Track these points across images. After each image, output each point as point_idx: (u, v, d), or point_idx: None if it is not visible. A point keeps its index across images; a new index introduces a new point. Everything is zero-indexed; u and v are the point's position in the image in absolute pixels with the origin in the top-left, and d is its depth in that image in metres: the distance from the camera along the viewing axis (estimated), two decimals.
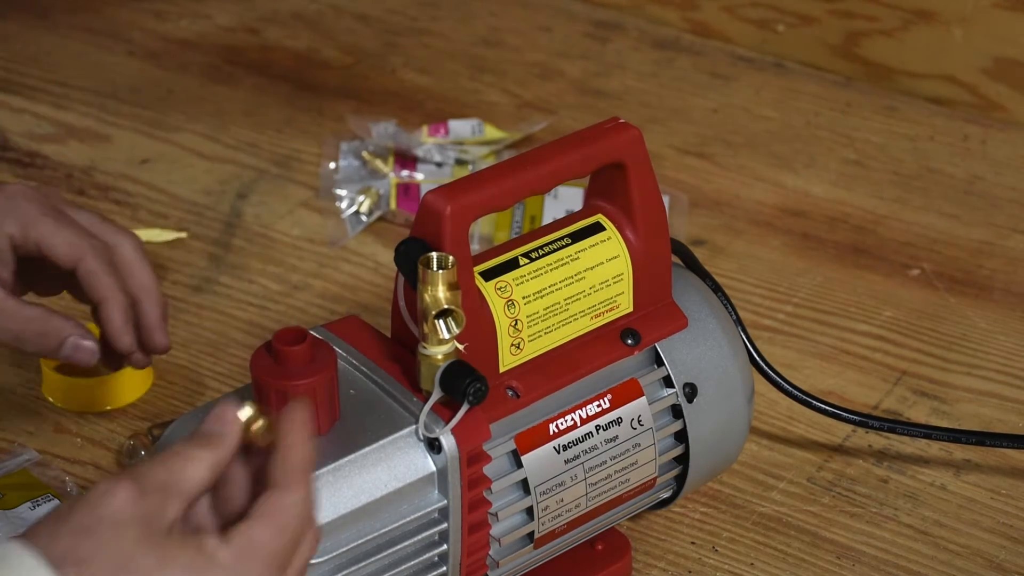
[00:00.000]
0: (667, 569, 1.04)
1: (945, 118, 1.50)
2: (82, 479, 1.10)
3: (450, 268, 0.84)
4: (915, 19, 1.52)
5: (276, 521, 0.73)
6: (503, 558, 0.93)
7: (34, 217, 0.99)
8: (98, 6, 1.65)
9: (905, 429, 1.10)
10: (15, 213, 0.99)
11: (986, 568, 1.04)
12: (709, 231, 1.35)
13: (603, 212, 0.94)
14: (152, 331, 1.01)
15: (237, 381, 1.18)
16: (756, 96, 1.53)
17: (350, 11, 1.66)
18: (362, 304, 1.27)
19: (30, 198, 1.00)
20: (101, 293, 0.99)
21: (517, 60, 1.59)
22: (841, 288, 1.29)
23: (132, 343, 1.00)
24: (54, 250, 0.98)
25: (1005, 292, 1.29)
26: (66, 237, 0.98)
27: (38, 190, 1.01)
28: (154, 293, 1.01)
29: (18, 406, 1.16)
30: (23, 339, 0.99)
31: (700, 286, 1.00)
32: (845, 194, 1.40)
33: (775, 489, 1.10)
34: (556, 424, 0.93)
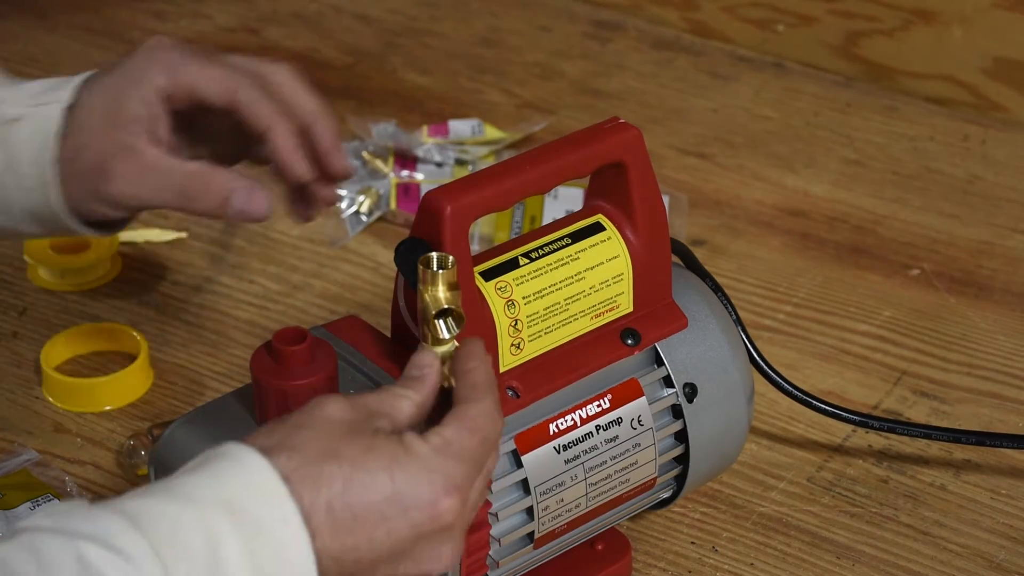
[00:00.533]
0: (667, 569, 1.04)
1: (945, 118, 1.50)
2: (82, 479, 1.10)
3: (450, 268, 0.84)
4: (915, 19, 1.52)
5: (467, 425, 0.79)
6: (503, 558, 0.93)
7: (180, 62, 0.93)
8: (98, 6, 1.65)
9: (905, 429, 1.10)
10: (160, 61, 0.93)
11: (986, 568, 1.05)
12: (709, 231, 1.35)
13: (603, 212, 0.94)
14: (330, 154, 0.93)
15: (237, 381, 1.18)
16: (756, 96, 1.53)
17: (350, 11, 1.66)
18: (362, 304, 1.27)
19: (172, 46, 0.93)
20: (264, 121, 0.91)
21: (517, 60, 1.59)
22: (841, 288, 1.29)
23: (308, 169, 0.91)
24: (206, 89, 0.92)
25: (1005, 292, 1.29)
26: (216, 73, 0.92)
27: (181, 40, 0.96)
28: (324, 114, 0.94)
29: (18, 406, 1.17)
30: (187, 196, 0.92)
31: (700, 286, 1.00)
32: (845, 194, 1.40)
33: (775, 489, 1.10)
34: (556, 424, 0.93)
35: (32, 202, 0.94)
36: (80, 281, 1.27)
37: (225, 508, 0.72)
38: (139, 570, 0.69)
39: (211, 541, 0.71)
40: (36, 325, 1.24)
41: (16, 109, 0.94)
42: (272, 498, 0.73)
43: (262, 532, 0.72)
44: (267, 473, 0.74)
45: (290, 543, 0.73)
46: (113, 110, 0.92)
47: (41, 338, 1.21)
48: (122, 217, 0.97)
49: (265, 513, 0.73)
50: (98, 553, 0.69)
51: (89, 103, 0.94)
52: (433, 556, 0.77)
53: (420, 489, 0.76)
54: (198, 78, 0.92)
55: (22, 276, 1.29)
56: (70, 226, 0.95)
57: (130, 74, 0.93)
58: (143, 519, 0.71)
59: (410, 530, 0.76)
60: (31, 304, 1.26)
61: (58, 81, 0.96)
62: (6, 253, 1.31)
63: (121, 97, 0.92)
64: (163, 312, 1.25)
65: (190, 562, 0.70)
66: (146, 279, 1.29)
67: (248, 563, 0.71)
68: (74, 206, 0.94)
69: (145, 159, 0.92)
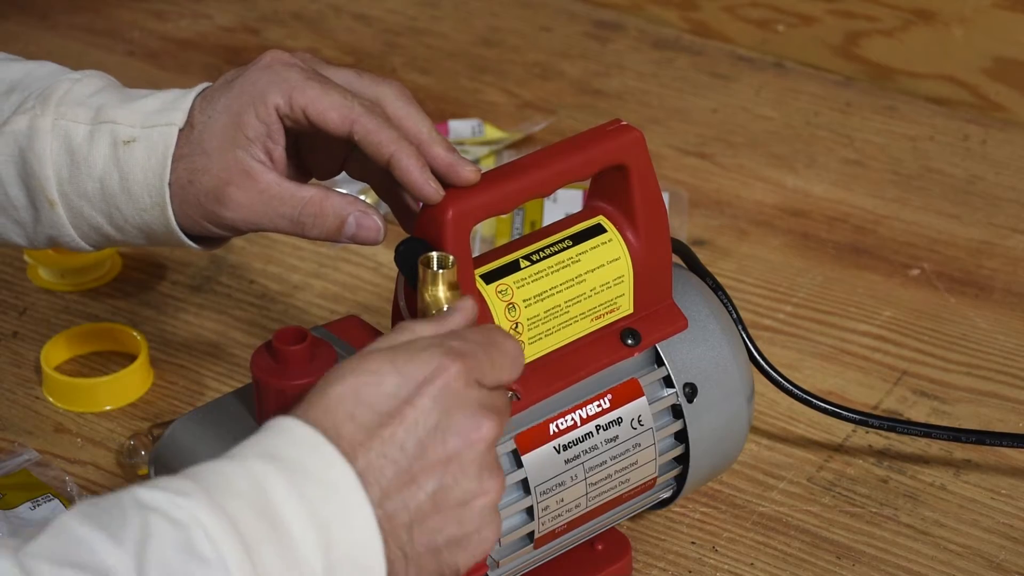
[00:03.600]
0: (667, 569, 1.04)
1: (945, 118, 1.50)
2: (82, 479, 1.10)
3: (450, 268, 0.84)
4: (915, 19, 1.52)
5: (462, 312, 0.82)
6: (503, 558, 0.93)
7: (298, 84, 0.91)
8: (98, 6, 1.65)
9: (905, 429, 1.10)
10: (277, 82, 0.91)
11: (986, 568, 1.05)
12: (709, 231, 1.35)
13: (604, 214, 0.94)
14: (454, 167, 0.91)
15: (237, 381, 1.18)
16: (756, 96, 1.53)
17: (350, 11, 1.66)
18: (362, 304, 1.27)
19: (289, 64, 0.92)
20: (388, 149, 0.90)
21: (517, 60, 1.59)
22: (841, 288, 1.29)
23: (437, 188, 0.89)
24: (325, 116, 0.90)
25: (1005, 292, 1.29)
26: (334, 101, 0.90)
27: (293, 54, 0.93)
28: (434, 133, 0.93)
29: (18, 406, 1.17)
30: (301, 223, 0.92)
31: (700, 286, 1.00)
32: (845, 194, 1.40)
33: (775, 489, 1.10)
34: (556, 424, 0.93)
35: (145, 220, 0.95)
36: (80, 281, 1.27)
37: (266, 458, 0.74)
38: (191, 502, 0.71)
39: (256, 483, 0.73)
40: (36, 325, 1.24)
41: (130, 131, 0.94)
42: (308, 444, 0.75)
43: (305, 473, 0.74)
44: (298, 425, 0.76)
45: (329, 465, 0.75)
46: (231, 130, 0.92)
47: (41, 338, 1.21)
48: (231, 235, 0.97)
49: (306, 457, 0.74)
50: (151, 493, 0.72)
51: (205, 123, 0.93)
52: (470, 426, 0.77)
53: (421, 361, 0.77)
54: (317, 105, 0.90)
55: (22, 276, 1.29)
56: (181, 242, 0.96)
57: (248, 92, 0.92)
58: (190, 473, 0.74)
59: (432, 401, 0.76)
60: (31, 304, 1.26)
61: (171, 97, 0.95)
62: (6, 253, 1.31)
63: (239, 118, 0.91)
64: (163, 312, 1.25)
65: (239, 499, 0.72)
66: (146, 279, 1.29)
67: (294, 495, 0.73)
68: (186, 226, 0.95)
69: (261, 185, 0.92)
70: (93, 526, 0.70)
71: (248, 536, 0.71)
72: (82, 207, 0.95)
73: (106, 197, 0.95)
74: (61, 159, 0.95)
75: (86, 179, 0.94)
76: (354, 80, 0.94)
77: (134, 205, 0.94)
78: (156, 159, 0.93)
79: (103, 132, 0.94)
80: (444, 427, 0.77)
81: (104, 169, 0.94)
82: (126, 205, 0.94)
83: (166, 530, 0.70)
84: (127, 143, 0.93)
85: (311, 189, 0.92)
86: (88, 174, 0.94)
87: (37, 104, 0.95)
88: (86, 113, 0.95)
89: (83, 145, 0.94)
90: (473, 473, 0.77)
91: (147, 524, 0.70)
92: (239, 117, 0.91)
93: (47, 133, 0.94)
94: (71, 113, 0.95)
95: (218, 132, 0.92)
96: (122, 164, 0.94)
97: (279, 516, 0.73)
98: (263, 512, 0.72)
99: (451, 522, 0.77)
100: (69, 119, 0.95)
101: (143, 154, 0.93)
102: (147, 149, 0.93)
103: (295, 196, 0.91)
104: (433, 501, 0.77)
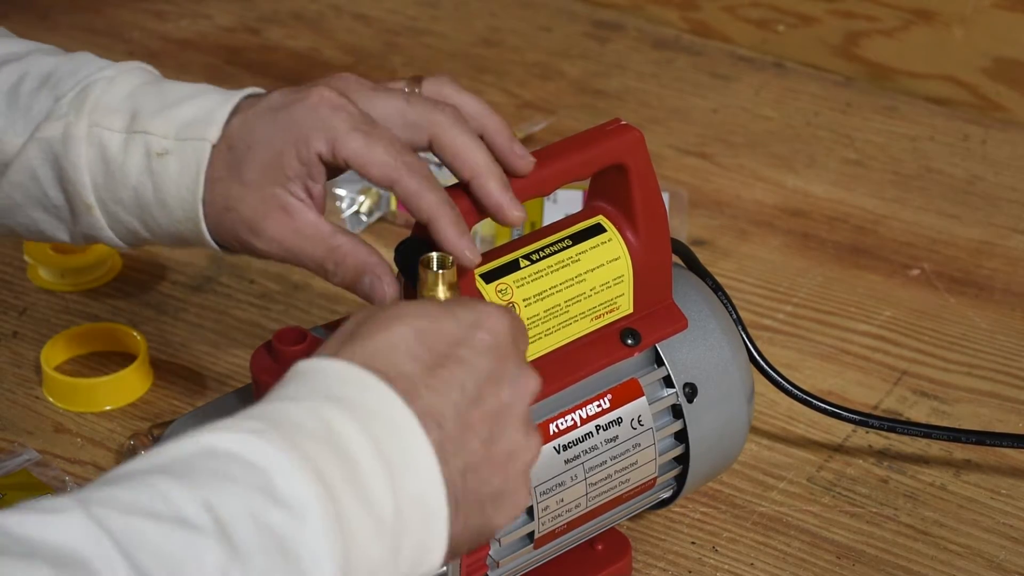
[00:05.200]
0: (667, 569, 1.04)
1: (945, 118, 1.50)
2: (82, 479, 1.10)
3: (450, 268, 0.84)
4: (915, 19, 1.52)
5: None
6: (503, 558, 0.93)
7: (343, 133, 0.89)
8: (98, 6, 1.65)
9: (905, 429, 1.10)
10: (322, 127, 0.90)
11: (986, 568, 1.05)
12: (709, 231, 1.35)
13: (604, 213, 0.94)
14: (501, 210, 0.90)
15: (237, 381, 1.18)
16: (756, 96, 1.53)
17: (350, 11, 1.66)
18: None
19: (336, 107, 0.90)
20: (427, 214, 0.89)
21: (517, 60, 1.59)
22: (841, 288, 1.29)
23: (474, 256, 0.88)
24: (367, 170, 0.90)
25: (1005, 292, 1.29)
26: (377, 157, 0.89)
27: (340, 93, 0.92)
28: (490, 165, 0.90)
29: (18, 406, 1.17)
30: (324, 268, 0.92)
31: (700, 286, 1.00)
32: (845, 194, 1.40)
33: (775, 489, 1.10)
34: (556, 424, 0.93)
35: (179, 230, 0.94)
36: (80, 281, 1.27)
37: (332, 400, 0.72)
38: (265, 443, 0.69)
39: (326, 424, 0.71)
40: (36, 325, 1.24)
41: (163, 143, 0.93)
42: (368, 387, 0.73)
43: (369, 413, 0.72)
44: (350, 368, 0.74)
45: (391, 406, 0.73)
46: (271, 166, 0.91)
47: (41, 338, 1.21)
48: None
49: (367, 398, 0.73)
50: (222, 436, 0.69)
51: (244, 152, 0.91)
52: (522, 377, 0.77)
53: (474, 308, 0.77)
54: (359, 159, 0.89)
55: (22, 276, 1.29)
56: (214, 250, 0.96)
57: (291, 131, 0.90)
58: (255, 412, 0.72)
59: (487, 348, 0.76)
60: (31, 304, 1.26)
61: (208, 106, 0.93)
62: (6, 253, 1.31)
63: (280, 157, 0.90)
64: (163, 312, 1.25)
65: (313, 439, 0.70)
66: (146, 279, 1.29)
67: (365, 436, 0.71)
68: (220, 240, 0.94)
69: (298, 223, 0.91)
70: (165, 474, 0.67)
71: (327, 478, 0.69)
72: (118, 212, 0.95)
73: (141, 205, 0.94)
74: (96, 167, 0.94)
75: (121, 187, 0.94)
76: (406, 110, 0.92)
77: (168, 216, 0.94)
78: (189, 175, 0.92)
79: (137, 142, 0.93)
80: (499, 375, 0.76)
81: (138, 179, 0.93)
82: (160, 214, 0.94)
83: (242, 474, 0.68)
84: (160, 155, 0.93)
85: (343, 237, 0.91)
86: (123, 183, 0.94)
87: (71, 110, 0.94)
88: (120, 120, 0.94)
89: (118, 154, 0.94)
90: (521, 426, 0.77)
91: (219, 468, 0.68)
92: (280, 156, 0.90)
93: (82, 140, 0.94)
94: (106, 120, 0.94)
95: (258, 165, 0.91)
96: (156, 176, 0.93)
97: (352, 458, 0.71)
98: (337, 453, 0.71)
99: (498, 474, 0.76)
100: (104, 127, 0.94)
101: (176, 168, 0.93)
102: (180, 163, 0.92)
103: (326, 242, 0.91)
104: (485, 449, 0.76)
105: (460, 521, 0.75)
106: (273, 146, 0.90)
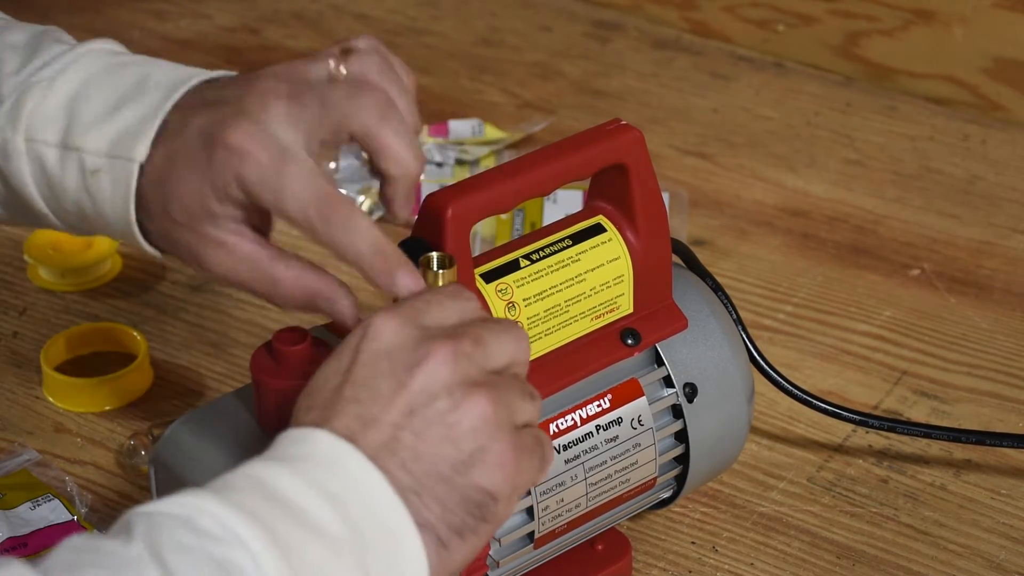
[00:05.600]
0: (667, 569, 1.04)
1: (945, 118, 1.50)
2: (82, 479, 1.10)
3: (450, 268, 0.84)
4: (915, 19, 1.52)
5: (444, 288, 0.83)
6: (503, 558, 0.93)
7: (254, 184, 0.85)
8: (98, 6, 1.65)
9: (905, 429, 1.10)
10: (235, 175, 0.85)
11: (986, 568, 1.04)
12: (709, 231, 1.35)
13: (604, 213, 0.94)
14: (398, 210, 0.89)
15: (237, 381, 1.18)
16: (756, 96, 1.53)
17: (350, 11, 1.66)
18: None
19: (248, 153, 0.85)
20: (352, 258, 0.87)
21: (517, 60, 1.59)
22: (841, 288, 1.29)
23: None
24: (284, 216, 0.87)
25: (1005, 292, 1.29)
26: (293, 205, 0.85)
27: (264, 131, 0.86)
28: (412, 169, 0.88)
29: (18, 406, 1.16)
30: (270, 299, 0.89)
31: (700, 286, 1.00)
32: (845, 194, 1.40)
33: (775, 489, 1.10)
34: (556, 424, 0.93)
35: (124, 238, 0.92)
36: (80, 281, 1.27)
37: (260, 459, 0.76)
38: (193, 497, 0.72)
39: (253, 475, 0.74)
40: (36, 325, 1.24)
41: (95, 160, 0.89)
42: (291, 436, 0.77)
43: (303, 460, 0.75)
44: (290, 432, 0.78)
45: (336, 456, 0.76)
46: (197, 209, 0.87)
47: (41, 338, 1.21)
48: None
49: (298, 450, 0.76)
50: (151, 503, 0.73)
51: (171, 189, 0.88)
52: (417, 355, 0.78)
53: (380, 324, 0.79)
54: (276, 208, 0.86)
55: (22, 276, 1.29)
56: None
57: (207, 175, 0.86)
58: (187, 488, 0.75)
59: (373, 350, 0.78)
60: (31, 304, 1.26)
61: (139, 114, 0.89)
62: (6, 253, 1.31)
63: (203, 200, 0.87)
64: (163, 312, 1.25)
65: (240, 491, 0.73)
66: (146, 279, 1.29)
67: (293, 474, 0.74)
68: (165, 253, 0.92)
69: (235, 256, 0.88)
70: (101, 537, 0.71)
71: (258, 514, 0.72)
72: (70, 219, 0.93)
73: (86, 218, 0.92)
74: (40, 179, 0.92)
75: (65, 200, 0.92)
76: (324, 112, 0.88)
77: (111, 231, 0.92)
78: (120, 196, 0.89)
79: (72, 159, 0.90)
80: (392, 367, 0.78)
81: (77, 195, 0.91)
82: (104, 228, 0.92)
83: (172, 522, 0.71)
84: (93, 173, 0.90)
85: (285, 263, 0.89)
86: (65, 197, 0.92)
87: (8, 124, 0.91)
88: (55, 134, 0.91)
89: (56, 170, 0.91)
90: (443, 397, 0.77)
91: (152, 521, 0.71)
92: (203, 199, 0.87)
93: (22, 155, 0.91)
94: (41, 133, 0.91)
95: (182, 207, 0.87)
96: (92, 193, 0.90)
97: (281, 492, 0.73)
98: (266, 495, 0.73)
99: (445, 447, 0.77)
100: (40, 140, 0.91)
101: (109, 188, 0.90)
102: (112, 183, 0.90)
103: (267, 272, 0.88)
104: (415, 435, 0.77)
105: (435, 507, 0.76)
106: (193, 187, 0.87)
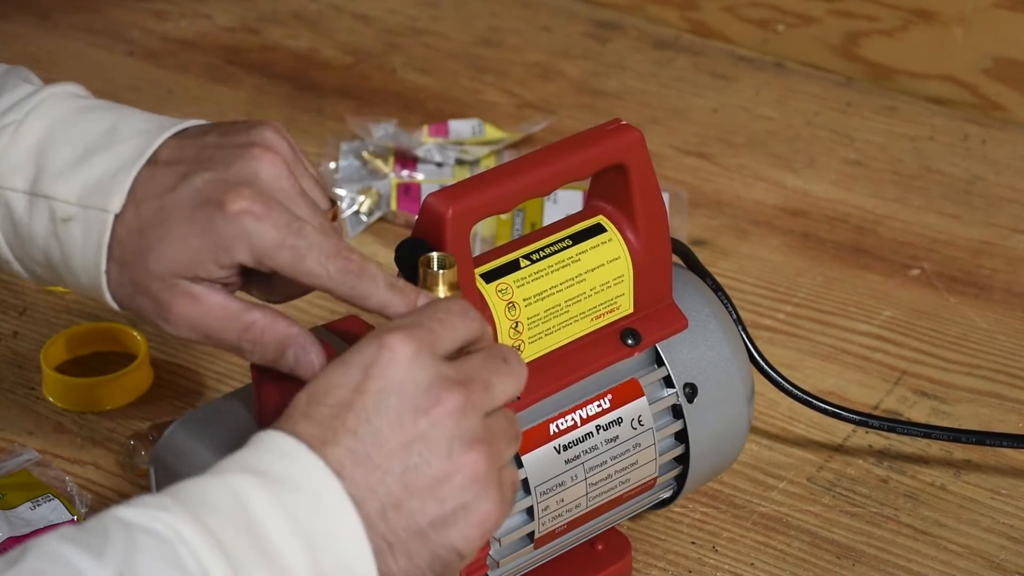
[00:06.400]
0: (667, 569, 1.04)
1: (945, 118, 1.50)
2: (82, 479, 1.10)
3: (450, 268, 0.84)
4: (915, 19, 1.52)
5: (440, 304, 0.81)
6: (503, 558, 0.93)
7: (270, 248, 0.84)
8: (98, 6, 1.65)
9: (905, 429, 1.10)
10: (246, 242, 0.85)
11: (986, 568, 1.05)
12: (709, 231, 1.35)
13: (604, 213, 0.94)
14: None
15: (237, 381, 1.18)
16: (756, 96, 1.53)
17: (350, 11, 1.66)
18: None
19: (259, 217, 0.84)
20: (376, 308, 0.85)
21: (517, 60, 1.59)
22: (841, 288, 1.29)
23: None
24: (299, 280, 0.85)
25: (1005, 292, 1.29)
26: (309, 268, 0.84)
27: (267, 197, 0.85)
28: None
29: (18, 406, 1.17)
30: (240, 348, 0.87)
31: (700, 286, 1.00)
32: (845, 194, 1.40)
33: (775, 489, 1.10)
34: (556, 424, 0.93)
35: (85, 290, 0.91)
36: None
37: (246, 471, 0.74)
38: (172, 516, 0.71)
39: (236, 496, 0.73)
40: (36, 325, 1.24)
41: (67, 208, 0.88)
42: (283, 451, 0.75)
43: (287, 484, 0.74)
44: (282, 438, 0.76)
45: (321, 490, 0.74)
46: (185, 265, 0.86)
47: (41, 338, 1.21)
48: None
49: (286, 469, 0.75)
50: (131, 511, 0.72)
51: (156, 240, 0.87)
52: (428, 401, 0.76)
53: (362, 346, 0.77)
54: (290, 272, 0.85)
55: None
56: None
57: (210, 237, 0.85)
58: (171, 490, 0.74)
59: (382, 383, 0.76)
60: (31, 304, 1.26)
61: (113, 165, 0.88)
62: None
63: (197, 258, 0.85)
64: None
65: (219, 514, 0.72)
66: None
67: (279, 511, 0.73)
68: (127, 311, 0.92)
69: (205, 308, 0.87)
70: (74, 545, 0.69)
71: (233, 552, 0.71)
72: (34, 268, 0.92)
73: (51, 266, 0.91)
74: (6, 225, 0.91)
75: (31, 247, 0.91)
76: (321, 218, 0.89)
77: (76, 281, 0.90)
78: (92, 247, 0.88)
79: (41, 206, 0.89)
80: (400, 407, 0.76)
81: (46, 242, 0.90)
82: (70, 278, 0.91)
83: (149, 544, 0.70)
84: (65, 221, 0.89)
85: (256, 312, 0.87)
86: (32, 244, 0.90)
87: None
88: (24, 181, 0.90)
89: (23, 216, 0.90)
90: (442, 450, 0.76)
91: (130, 540, 0.70)
92: (196, 258, 0.86)
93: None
94: (9, 180, 0.90)
95: (168, 261, 0.86)
96: (62, 242, 0.89)
97: (259, 525, 0.73)
98: (246, 526, 0.72)
99: (429, 502, 0.76)
100: (7, 187, 0.90)
101: (80, 236, 0.89)
102: (84, 232, 0.88)
103: (239, 321, 0.87)
104: (403, 484, 0.76)
105: (402, 560, 0.76)
106: (189, 247, 0.86)
